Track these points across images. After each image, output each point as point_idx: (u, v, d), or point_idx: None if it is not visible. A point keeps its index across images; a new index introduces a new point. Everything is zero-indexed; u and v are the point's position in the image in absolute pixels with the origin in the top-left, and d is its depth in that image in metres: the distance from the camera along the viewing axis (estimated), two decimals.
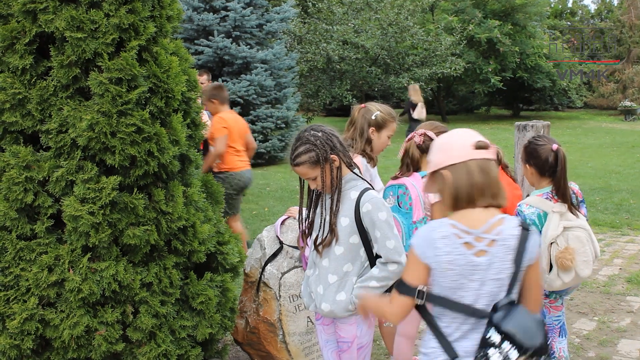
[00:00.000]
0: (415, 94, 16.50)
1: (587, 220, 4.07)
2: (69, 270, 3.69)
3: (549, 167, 3.93)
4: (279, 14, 16.77)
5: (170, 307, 3.93)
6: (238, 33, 15.84)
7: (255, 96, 15.81)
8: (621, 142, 19.91)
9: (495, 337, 2.44)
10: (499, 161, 4.55)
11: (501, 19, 26.10)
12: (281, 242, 4.71)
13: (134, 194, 3.76)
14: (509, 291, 2.52)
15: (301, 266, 4.65)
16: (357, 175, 3.41)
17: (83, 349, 3.72)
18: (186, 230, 4.00)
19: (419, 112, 16.23)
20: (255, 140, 15.66)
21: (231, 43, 15.49)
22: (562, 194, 3.90)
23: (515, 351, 2.42)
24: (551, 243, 3.84)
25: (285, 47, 19.18)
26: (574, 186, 4.13)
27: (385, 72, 22.86)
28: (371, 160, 4.52)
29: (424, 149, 4.18)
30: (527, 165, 4.06)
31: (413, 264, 2.57)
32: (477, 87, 26.79)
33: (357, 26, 22.50)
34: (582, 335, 5.64)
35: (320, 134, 3.29)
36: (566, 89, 28.97)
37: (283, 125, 16.47)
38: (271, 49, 16.31)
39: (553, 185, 3.95)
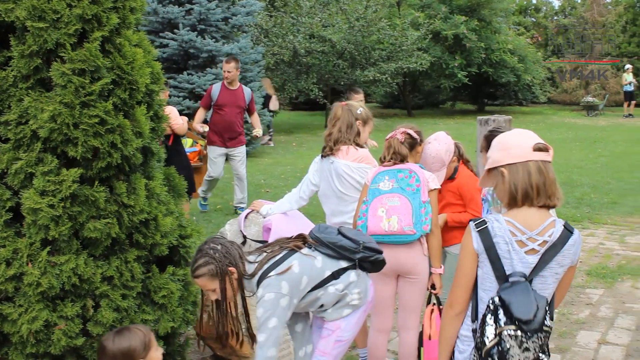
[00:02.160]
0: (269, 87, 18.06)
1: None
2: (27, 264, 3.64)
3: None
4: (244, 7, 16.66)
5: (132, 300, 3.90)
6: (203, 26, 15.72)
7: None
8: (583, 137, 20.18)
9: (494, 303, 2.60)
10: (460, 156, 4.62)
11: (467, 14, 26.26)
12: (244, 236, 4.70)
13: (95, 186, 3.71)
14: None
15: None
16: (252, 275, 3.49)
17: (42, 344, 3.66)
18: (148, 224, 3.96)
19: (274, 104, 18.09)
20: None
21: (196, 36, 15.36)
22: None
23: (505, 319, 2.54)
24: None
25: (252, 40, 19.09)
26: None
27: (351, 66, 22.86)
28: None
29: (409, 146, 4.31)
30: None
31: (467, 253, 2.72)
32: (442, 82, 26.95)
33: (324, 20, 22.47)
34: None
35: (219, 247, 3.42)
36: (530, 84, 29.26)
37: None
38: (237, 43, 16.21)
39: None
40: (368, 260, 3.70)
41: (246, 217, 4.84)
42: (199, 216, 9.61)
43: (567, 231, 2.67)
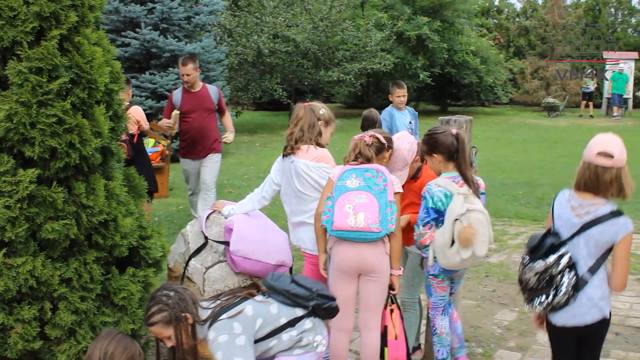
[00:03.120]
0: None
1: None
2: None
3: (454, 151, 4.32)
4: (207, 6, 16.55)
5: (91, 302, 3.85)
6: (166, 25, 15.58)
7: None
8: (544, 137, 20.44)
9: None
10: (422, 156, 4.65)
11: (430, 15, 26.41)
12: (206, 237, 4.67)
13: (53, 187, 3.67)
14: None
15: (225, 260, 4.62)
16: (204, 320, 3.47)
17: None
18: (107, 224, 3.92)
19: None
20: None
21: (159, 35, 15.21)
22: (463, 175, 4.31)
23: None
24: (455, 220, 4.17)
25: (215, 40, 18.98)
26: (478, 179, 4.49)
27: (315, 66, 22.85)
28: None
29: (376, 150, 4.37)
30: (433, 155, 4.40)
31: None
32: (406, 83, 27.03)
33: (288, 20, 22.44)
34: (503, 326, 5.78)
35: (172, 294, 3.39)
36: (492, 85, 29.53)
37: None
38: (200, 42, 16.10)
39: (457, 168, 4.33)
40: (322, 307, 3.75)
41: (208, 217, 4.81)
42: (161, 216, 9.54)
43: (613, 215, 3.49)
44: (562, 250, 3.58)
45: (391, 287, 4.34)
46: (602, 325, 3.62)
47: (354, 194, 4.11)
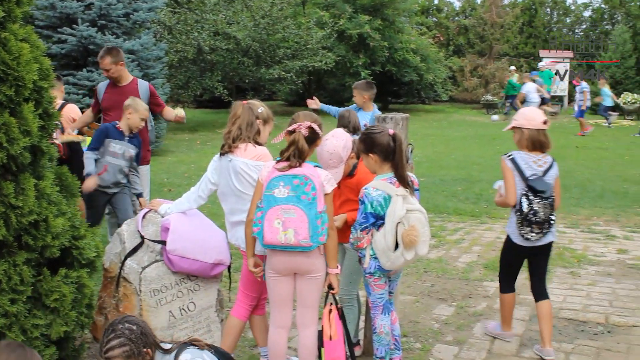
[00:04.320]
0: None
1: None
2: None
3: (391, 151, 4.31)
4: (146, 3, 16.32)
5: (21, 305, 3.76)
6: (104, 22, 15.31)
7: None
8: (482, 134, 20.78)
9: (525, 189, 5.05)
10: (358, 154, 4.65)
11: (371, 14, 26.59)
12: (142, 236, 4.61)
13: None
14: None
15: (162, 260, 4.57)
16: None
17: None
18: (38, 225, 3.83)
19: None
20: None
21: (96, 32, 14.95)
22: (400, 175, 4.31)
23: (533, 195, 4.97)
24: (397, 223, 4.19)
25: (154, 37, 18.75)
26: (411, 176, 4.50)
27: (256, 64, 22.81)
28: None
29: (310, 141, 4.25)
30: (369, 154, 4.39)
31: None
32: (347, 80, 27.14)
33: (229, 17, 22.32)
34: (441, 320, 5.85)
35: (134, 327, 3.33)
36: (432, 83, 29.89)
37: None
38: (139, 39, 15.88)
39: (393, 169, 4.32)
40: None
41: (144, 216, 4.74)
42: None
43: (554, 161, 5.07)
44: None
45: (330, 287, 4.33)
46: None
47: (283, 208, 4.04)
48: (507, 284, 5.39)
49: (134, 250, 4.58)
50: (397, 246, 4.23)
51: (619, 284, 6.81)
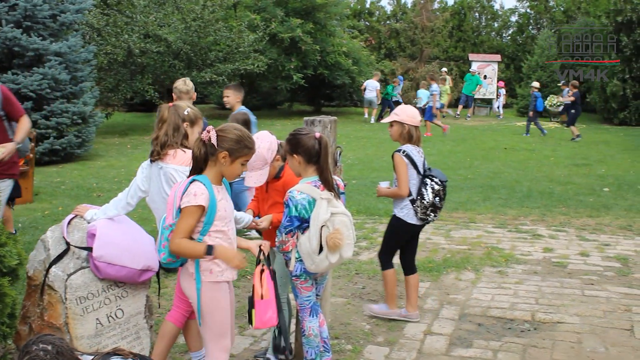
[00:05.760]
0: None
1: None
2: None
3: (315, 154, 4.31)
4: (74, 4, 16.01)
5: None
6: (29, 23, 14.96)
7: (49, 90, 15.06)
8: None
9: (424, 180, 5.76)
10: (284, 156, 4.66)
11: (302, 17, 26.66)
12: (67, 243, 4.51)
13: None
14: None
15: (88, 267, 4.49)
16: None
17: None
18: None
19: None
20: (50, 136, 14.95)
21: (21, 34, 14.60)
22: (325, 179, 4.31)
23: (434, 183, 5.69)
24: (322, 226, 4.21)
25: (83, 39, 18.42)
26: (337, 179, 4.55)
27: (187, 66, 22.63)
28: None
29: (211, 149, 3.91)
30: (294, 155, 4.39)
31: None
32: (279, 84, 27.19)
33: (160, 19, 22.07)
34: (372, 322, 5.90)
35: (49, 347, 3.08)
36: None
37: (80, 121, 15.82)
38: (66, 41, 15.57)
39: (318, 172, 4.32)
40: None
41: (69, 222, 4.64)
42: (25, 222, 9.15)
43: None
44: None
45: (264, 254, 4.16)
46: None
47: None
48: (389, 261, 5.91)
49: (59, 257, 4.48)
50: (321, 249, 4.25)
51: (545, 281, 7.00)
